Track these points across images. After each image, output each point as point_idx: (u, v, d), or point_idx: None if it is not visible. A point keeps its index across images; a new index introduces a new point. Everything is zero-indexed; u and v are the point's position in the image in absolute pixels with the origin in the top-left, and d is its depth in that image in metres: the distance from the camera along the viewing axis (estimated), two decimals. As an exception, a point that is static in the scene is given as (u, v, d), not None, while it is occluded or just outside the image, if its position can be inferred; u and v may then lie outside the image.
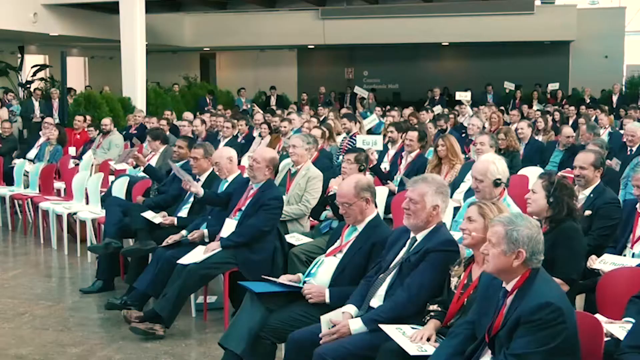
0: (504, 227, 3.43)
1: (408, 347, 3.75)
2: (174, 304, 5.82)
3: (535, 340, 3.24)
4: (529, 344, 3.24)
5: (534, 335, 3.24)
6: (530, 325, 3.25)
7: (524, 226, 3.42)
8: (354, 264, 4.74)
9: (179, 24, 26.61)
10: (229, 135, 11.61)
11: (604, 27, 25.93)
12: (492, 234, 3.46)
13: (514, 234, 3.39)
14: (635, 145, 9.01)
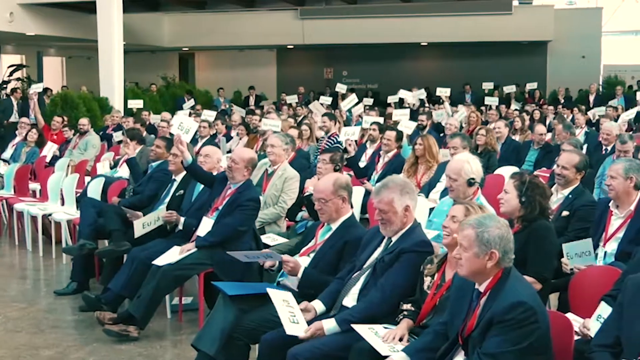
0: (474, 229, 3.43)
1: (380, 347, 3.75)
2: (148, 305, 5.79)
3: (508, 339, 3.24)
4: (502, 343, 3.24)
5: (506, 334, 3.25)
6: (503, 325, 3.26)
7: (493, 226, 3.43)
8: (326, 261, 4.75)
9: (158, 24, 26.48)
10: (207, 135, 11.57)
11: (581, 27, 26.10)
12: (463, 237, 3.46)
13: (485, 236, 3.39)
14: (610, 144, 9.06)
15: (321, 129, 11.01)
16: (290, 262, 4.69)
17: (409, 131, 10.26)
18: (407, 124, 10.55)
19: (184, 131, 6.47)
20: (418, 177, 8.03)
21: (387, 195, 4.37)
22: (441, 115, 13.82)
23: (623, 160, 5.60)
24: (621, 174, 5.27)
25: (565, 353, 3.51)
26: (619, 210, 5.32)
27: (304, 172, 7.73)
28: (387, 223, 4.36)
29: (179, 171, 7.03)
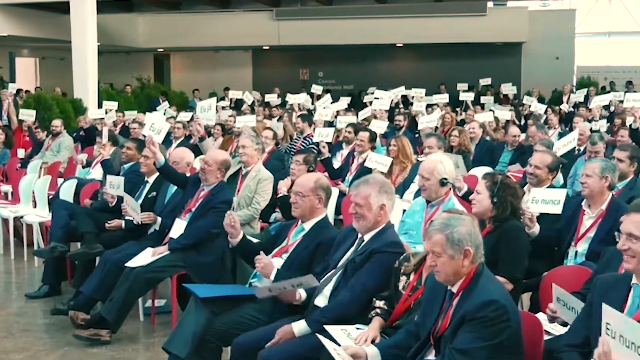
0: (442, 233, 3.42)
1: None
2: (120, 308, 5.75)
3: (479, 336, 3.25)
4: (472, 339, 3.25)
5: (478, 331, 3.25)
6: (475, 322, 3.27)
7: (460, 225, 3.43)
8: (299, 263, 4.73)
9: (132, 25, 26.34)
10: (181, 136, 11.50)
11: (555, 28, 26.34)
12: (433, 244, 3.43)
13: (455, 235, 3.39)
14: (583, 144, 9.12)
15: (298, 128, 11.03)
16: (261, 264, 4.64)
17: (381, 131, 10.27)
18: (379, 124, 10.56)
19: (156, 132, 6.45)
20: (393, 178, 8.03)
21: (365, 190, 4.38)
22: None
23: (599, 160, 5.64)
24: (597, 172, 5.31)
25: (535, 352, 3.53)
26: (591, 209, 5.35)
27: (277, 174, 7.71)
28: (361, 218, 4.36)
29: (151, 173, 6.98)
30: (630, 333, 2.71)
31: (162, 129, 6.57)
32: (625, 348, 2.72)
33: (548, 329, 3.99)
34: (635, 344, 2.68)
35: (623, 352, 2.72)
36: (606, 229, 5.15)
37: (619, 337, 2.75)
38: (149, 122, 6.64)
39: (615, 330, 2.77)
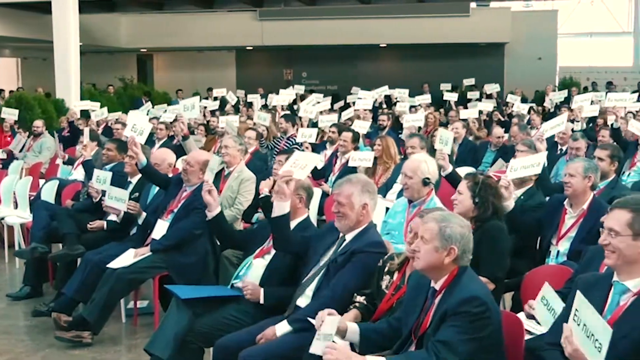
0: (438, 224, 3.45)
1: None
2: (102, 310, 5.72)
3: (461, 330, 3.25)
4: (455, 332, 3.25)
5: (460, 326, 3.26)
6: (457, 317, 3.27)
7: (456, 224, 3.47)
8: (283, 266, 4.72)
9: (115, 25, 26.22)
10: (164, 137, 11.45)
11: (538, 29, 26.47)
12: (425, 230, 3.47)
13: (447, 231, 3.42)
14: (566, 144, 9.16)
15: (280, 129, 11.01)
16: (248, 289, 4.64)
17: (363, 131, 10.28)
18: (361, 125, 10.57)
19: (138, 132, 6.41)
20: (376, 178, 8.03)
21: (348, 189, 4.40)
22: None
23: (582, 160, 5.67)
24: (580, 172, 5.33)
25: (516, 352, 3.54)
26: (573, 209, 5.37)
27: (260, 174, 7.69)
28: (343, 217, 4.38)
29: (134, 173, 6.95)
30: (592, 325, 2.79)
31: (144, 129, 6.54)
32: (586, 337, 2.80)
33: (529, 329, 4.00)
34: (595, 336, 2.76)
35: (584, 340, 2.81)
36: (587, 229, 5.18)
37: (583, 325, 2.84)
38: (131, 123, 6.60)
39: (582, 318, 2.85)
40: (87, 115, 15.11)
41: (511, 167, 5.53)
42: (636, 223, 3.15)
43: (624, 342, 2.75)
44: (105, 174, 6.86)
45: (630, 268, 3.16)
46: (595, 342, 2.76)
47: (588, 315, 2.85)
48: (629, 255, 3.15)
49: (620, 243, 3.17)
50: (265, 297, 4.60)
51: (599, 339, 2.75)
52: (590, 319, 2.82)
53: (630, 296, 3.14)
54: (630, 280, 3.16)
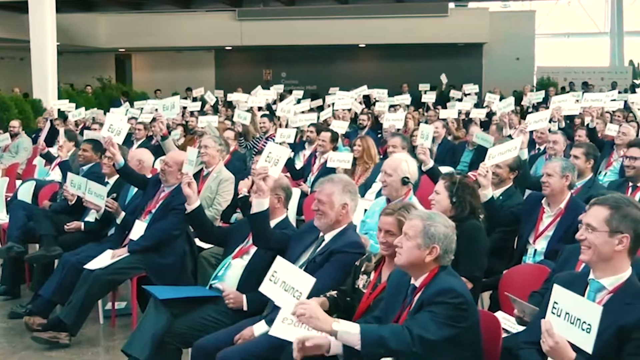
0: (422, 221, 3.47)
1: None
2: (79, 311, 5.66)
3: (435, 316, 3.26)
4: (429, 317, 3.26)
5: (435, 312, 3.27)
6: (433, 306, 3.29)
7: (441, 224, 3.49)
8: (262, 266, 4.69)
9: (93, 24, 26.08)
10: (142, 137, 11.40)
11: (515, 30, 26.67)
12: (409, 227, 3.49)
13: (431, 229, 3.44)
14: (544, 143, 9.22)
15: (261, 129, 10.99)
16: (230, 298, 4.63)
17: (342, 131, 10.28)
18: (339, 125, 10.56)
19: (115, 133, 6.37)
20: (355, 178, 8.03)
21: (329, 187, 4.42)
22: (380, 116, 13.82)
23: (559, 159, 5.71)
24: (558, 171, 5.37)
25: (493, 350, 3.56)
26: (550, 208, 5.41)
27: (239, 174, 7.67)
28: (322, 215, 4.40)
29: (112, 174, 6.92)
30: (575, 309, 2.82)
31: (121, 129, 6.50)
32: (569, 324, 2.82)
33: (506, 327, 4.03)
34: (581, 319, 2.79)
35: (567, 329, 2.83)
36: (565, 228, 5.21)
37: (565, 314, 2.86)
38: (108, 123, 6.55)
39: (562, 307, 2.88)
40: (64, 116, 15.01)
41: (489, 155, 5.59)
42: (613, 220, 3.17)
43: (597, 341, 2.77)
44: (79, 179, 6.81)
45: (605, 265, 3.19)
46: (582, 324, 2.77)
47: (570, 302, 2.86)
48: (604, 252, 3.17)
49: (596, 239, 3.19)
50: (249, 304, 4.60)
51: (586, 320, 2.77)
52: (574, 304, 2.84)
53: (606, 294, 3.16)
54: (606, 278, 3.18)
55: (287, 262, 3.64)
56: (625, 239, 3.14)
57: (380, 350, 3.21)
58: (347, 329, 3.20)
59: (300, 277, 3.48)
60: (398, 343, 3.19)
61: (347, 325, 3.22)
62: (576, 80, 24.52)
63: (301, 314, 3.19)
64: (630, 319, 3.00)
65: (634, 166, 6.17)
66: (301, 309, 3.20)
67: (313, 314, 3.18)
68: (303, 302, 3.27)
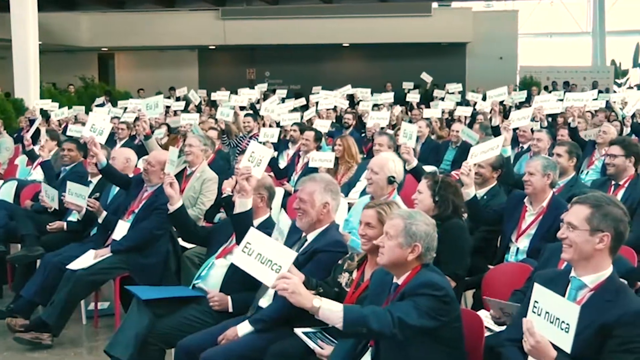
0: (404, 220, 3.49)
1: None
2: (61, 312, 5.63)
3: (417, 305, 3.26)
4: (411, 305, 3.27)
5: (416, 301, 3.28)
6: (416, 297, 3.30)
7: (422, 222, 3.50)
8: (245, 267, 4.69)
9: (75, 23, 25.95)
10: (125, 137, 11.34)
11: (499, 29, 26.78)
12: (391, 226, 3.50)
13: (413, 228, 3.45)
14: (527, 141, 9.28)
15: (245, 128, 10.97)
16: (214, 300, 4.63)
17: (325, 130, 10.28)
18: (322, 123, 10.57)
19: (97, 132, 6.34)
20: (338, 177, 8.03)
21: (311, 186, 4.44)
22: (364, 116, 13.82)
23: (541, 158, 5.73)
24: (540, 170, 5.39)
25: (476, 349, 3.58)
26: (533, 206, 5.43)
27: (223, 174, 7.65)
28: (303, 214, 4.41)
29: (95, 173, 6.89)
30: (555, 309, 2.84)
31: (104, 129, 6.47)
32: (549, 324, 2.84)
33: (489, 326, 4.04)
34: (560, 319, 2.81)
35: (547, 328, 2.85)
36: (547, 226, 5.23)
37: (545, 313, 2.88)
38: (90, 123, 6.53)
39: (542, 307, 2.90)
40: (46, 115, 14.91)
41: (472, 154, 5.62)
42: (594, 219, 3.19)
43: (578, 339, 2.79)
44: (52, 191, 6.79)
45: (586, 263, 3.21)
46: (561, 324, 2.79)
47: (549, 301, 2.88)
48: (585, 250, 3.19)
49: (577, 237, 3.21)
50: (234, 305, 4.60)
51: (565, 320, 2.79)
52: (553, 303, 2.87)
53: (587, 292, 3.18)
54: (587, 276, 3.20)
55: (262, 234, 3.62)
56: (606, 237, 3.16)
57: (362, 330, 3.21)
58: (330, 307, 3.19)
59: (279, 250, 3.47)
60: (379, 323, 3.19)
61: (329, 303, 3.22)
62: (558, 80, 24.66)
63: (283, 288, 3.18)
64: (611, 316, 3.03)
65: (614, 164, 6.20)
66: (283, 284, 3.19)
67: (295, 289, 3.17)
68: (285, 275, 3.26)
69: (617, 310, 3.03)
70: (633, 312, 3.01)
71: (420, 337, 3.30)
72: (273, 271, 3.36)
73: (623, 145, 6.26)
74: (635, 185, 6.10)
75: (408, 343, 3.31)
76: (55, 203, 6.75)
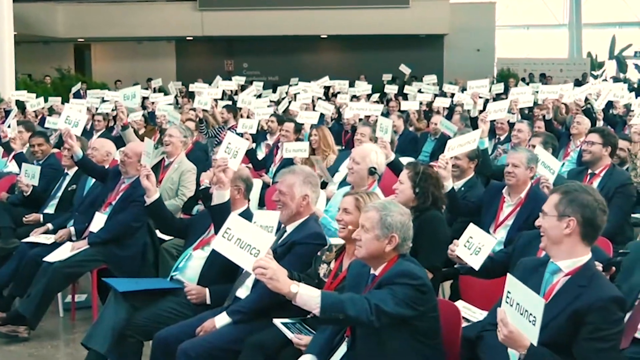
0: (378, 212, 3.49)
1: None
2: (38, 304, 5.59)
3: (394, 293, 3.27)
4: (388, 293, 3.28)
5: (393, 289, 3.29)
6: (393, 285, 3.31)
7: (396, 212, 3.51)
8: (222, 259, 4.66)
9: (51, 14, 25.66)
10: (102, 128, 11.26)
11: (476, 21, 26.83)
12: (366, 219, 3.51)
13: (388, 219, 3.46)
14: (504, 133, 9.35)
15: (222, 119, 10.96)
16: (192, 293, 4.61)
17: (312, 121, 10.27)
18: (308, 115, 10.56)
19: (73, 124, 6.29)
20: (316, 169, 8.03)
21: (290, 179, 4.45)
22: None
23: (525, 151, 5.76)
24: (524, 163, 5.43)
25: (453, 339, 3.59)
26: (511, 197, 5.46)
27: (201, 165, 7.63)
28: (283, 206, 4.42)
29: (71, 166, 6.83)
30: (524, 300, 2.87)
31: (79, 120, 6.42)
32: (519, 315, 2.87)
33: (466, 316, 4.07)
34: (529, 311, 2.83)
35: (518, 319, 2.88)
36: (524, 217, 5.27)
37: (516, 304, 2.91)
38: (64, 115, 6.47)
39: (514, 298, 2.93)
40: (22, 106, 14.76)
41: (449, 146, 5.63)
42: (560, 204, 3.23)
43: (553, 324, 2.82)
44: (33, 168, 6.74)
45: (558, 249, 3.24)
46: (529, 316, 2.82)
47: (520, 293, 2.91)
48: (553, 235, 3.23)
49: (546, 223, 3.26)
50: (212, 298, 4.59)
51: (532, 312, 2.82)
52: (523, 295, 2.89)
53: (562, 276, 3.21)
54: (562, 261, 3.23)
55: (242, 219, 3.62)
56: (571, 222, 3.19)
57: (339, 316, 3.20)
58: (307, 292, 3.19)
59: (257, 234, 3.46)
60: (356, 310, 3.20)
61: (306, 289, 3.21)
62: (535, 72, 24.78)
63: (261, 273, 3.17)
64: (583, 302, 3.05)
65: (591, 151, 6.26)
66: (261, 268, 3.19)
67: (273, 275, 3.16)
68: (264, 259, 3.24)
69: (589, 296, 3.06)
70: (605, 298, 3.04)
71: (397, 328, 3.31)
72: (252, 255, 3.35)
73: (602, 134, 6.32)
74: (610, 175, 6.15)
75: (385, 334, 3.31)
76: (36, 180, 6.71)
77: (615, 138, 6.42)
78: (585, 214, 3.20)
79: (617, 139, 6.51)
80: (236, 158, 4.56)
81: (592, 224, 3.22)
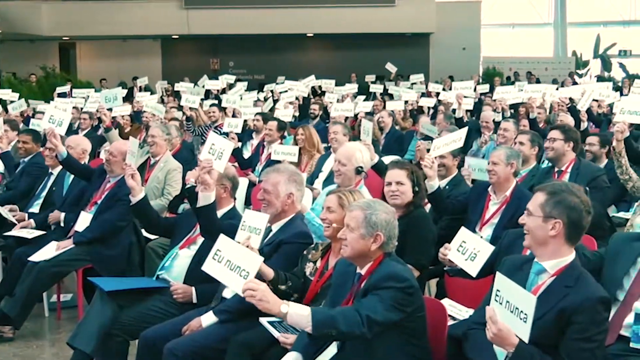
0: (363, 211, 3.50)
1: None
2: (23, 304, 5.57)
3: (382, 299, 3.29)
4: (376, 300, 3.29)
5: (381, 295, 3.30)
6: (379, 290, 3.32)
7: (381, 211, 3.51)
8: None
9: (36, 12, 25.49)
10: (87, 127, 11.22)
11: (462, 20, 26.90)
12: (351, 218, 3.52)
13: (373, 218, 3.47)
14: (490, 131, 9.39)
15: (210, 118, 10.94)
16: (178, 292, 4.61)
17: (288, 119, 10.26)
18: (284, 113, 10.57)
19: (57, 124, 6.27)
20: (302, 167, 8.03)
21: (275, 177, 4.45)
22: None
23: (504, 148, 5.79)
24: (503, 159, 5.45)
25: (440, 337, 3.60)
26: (496, 195, 5.49)
27: (187, 164, 7.61)
28: (268, 205, 4.42)
29: (56, 165, 6.80)
30: (514, 298, 2.89)
31: (63, 120, 6.39)
32: (509, 313, 2.89)
33: (453, 314, 4.09)
34: (519, 308, 2.85)
35: (507, 317, 2.90)
36: (509, 215, 5.28)
37: (506, 302, 2.93)
38: (48, 114, 6.44)
39: (503, 296, 2.95)
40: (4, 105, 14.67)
41: (434, 146, 5.65)
42: (547, 205, 3.24)
43: (539, 323, 2.83)
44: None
45: (544, 249, 3.25)
46: (520, 313, 2.83)
47: (510, 291, 2.93)
48: (539, 236, 3.24)
49: (531, 223, 3.27)
50: (198, 297, 4.59)
51: (523, 310, 2.83)
52: (513, 293, 2.91)
53: (547, 277, 3.23)
54: (547, 261, 3.24)
55: (231, 240, 3.62)
56: (557, 224, 3.20)
57: (331, 332, 3.22)
58: (297, 311, 3.20)
59: (246, 255, 3.47)
60: (348, 324, 3.21)
61: (297, 307, 3.22)
62: (521, 70, 24.85)
63: (250, 295, 3.18)
64: (569, 302, 3.07)
65: (554, 147, 6.28)
66: (250, 291, 3.19)
67: (263, 296, 3.18)
68: (253, 281, 3.25)
69: (576, 296, 3.08)
70: (592, 298, 3.06)
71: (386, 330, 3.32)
72: (242, 277, 3.37)
73: (563, 130, 6.35)
74: (578, 170, 6.16)
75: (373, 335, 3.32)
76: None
77: (577, 133, 6.45)
78: (571, 217, 3.21)
79: (579, 134, 6.53)
80: (221, 160, 4.54)
81: (578, 226, 3.23)
